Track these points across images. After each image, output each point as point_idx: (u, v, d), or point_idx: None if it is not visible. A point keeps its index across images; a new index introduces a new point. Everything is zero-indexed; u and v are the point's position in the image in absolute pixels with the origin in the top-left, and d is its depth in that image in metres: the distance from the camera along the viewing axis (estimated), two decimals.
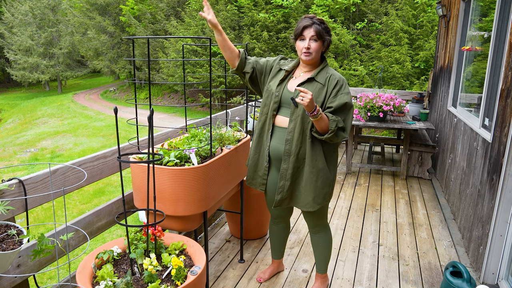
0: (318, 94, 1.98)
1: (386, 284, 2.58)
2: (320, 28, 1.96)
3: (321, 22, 1.98)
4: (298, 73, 2.10)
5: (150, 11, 17.88)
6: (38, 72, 24.02)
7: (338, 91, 1.97)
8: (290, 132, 2.03)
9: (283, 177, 2.09)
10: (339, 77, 2.02)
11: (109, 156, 2.10)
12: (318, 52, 2.00)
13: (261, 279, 2.54)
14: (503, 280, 2.40)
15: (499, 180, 2.34)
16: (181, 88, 16.09)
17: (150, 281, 1.52)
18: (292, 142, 2.03)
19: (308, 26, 1.95)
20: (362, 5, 11.28)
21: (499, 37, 2.69)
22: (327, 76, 2.01)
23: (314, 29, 1.94)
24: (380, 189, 4.39)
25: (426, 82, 9.38)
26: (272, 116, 2.08)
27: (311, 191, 2.06)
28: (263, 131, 2.15)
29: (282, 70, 2.12)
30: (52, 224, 1.71)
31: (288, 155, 2.05)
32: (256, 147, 2.20)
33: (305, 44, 1.96)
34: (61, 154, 10.03)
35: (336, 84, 1.98)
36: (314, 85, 2.00)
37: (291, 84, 2.08)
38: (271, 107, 2.08)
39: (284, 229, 2.45)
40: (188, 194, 1.92)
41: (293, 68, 2.12)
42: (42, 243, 1.31)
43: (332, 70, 2.05)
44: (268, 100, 2.11)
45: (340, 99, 1.95)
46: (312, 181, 2.05)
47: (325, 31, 1.98)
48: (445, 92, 4.63)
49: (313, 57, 1.99)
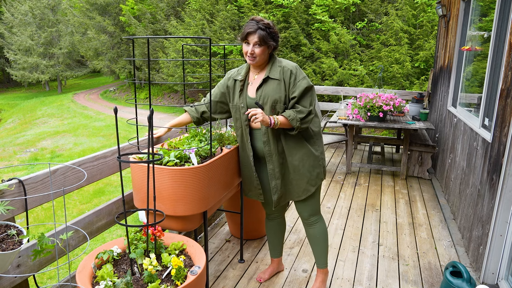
0: (277, 90, 2.04)
1: (386, 284, 2.58)
2: (265, 33, 1.97)
3: (267, 27, 1.99)
4: (252, 77, 2.16)
5: (150, 11, 17.88)
6: (38, 72, 24.01)
7: (295, 79, 2.04)
8: (264, 134, 2.11)
9: (273, 177, 2.18)
10: (290, 66, 2.07)
11: (109, 156, 2.10)
12: (263, 56, 2.03)
13: (261, 279, 2.55)
14: (503, 280, 2.40)
15: (499, 180, 2.34)
16: (181, 88, 16.09)
17: (150, 281, 1.52)
18: (270, 142, 2.11)
19: (252, 32, 1.98)
20: (362, 5, 11.28)
21: (499, 37, 2.69)
22: (279, 69, 2.06)
23: (257, 35, 1.97)
24: (380, 189, 4.39)
25: (426, 82, 9.38)
26: (246, 126, 2.16)
27: (303, 178, 2.16)
28: (243, 143, 2.24)
29: (236, 81, 2.18)
30: (52, 224, 1.71)
31: (270, 155, 2.14)
32: (243, 161, 2.30)
33: (249, 50, 2.01)
34: (61, 154, 10.03)
35: (291, 74, 2.04)
36: (271, 83, 2.06)
37: (250, 90, 2.15)
38: (242, 119, 2.16)
39: (280, 224, 2.51)
40: (188, 194, 1.92)
41: (246, 75, 2.18)
42: (42, 242, 1.31)
43: (283, 61, 2.10)
44: (237, 114, 2.19)
45: (299, 86, 2.03)
46: (299, 168, 2.14)
47: (270, 36, 2.01)
48: (445, 92, 4.63)
49: (257, 60, 2.04)
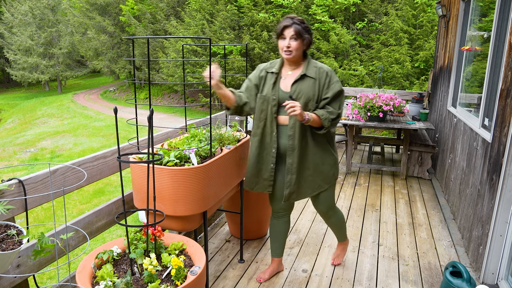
0: (312, 88, 2.12)
1: (386, 284, 2.58)
2: (300, 27, 2.06)
3: (301, 22, 2.09)
4: (286, 72, 2.20)
5: (150, 11, 17.88)
6: (38, 72, 24.00)
7: (330, 81, 2.13)
8: (291, 128, 2.15)
9: (289, 172, 2.21)
10: (326, 68, 2.17)
11: (109, 156, 2.10)
12: (298, 50, 2.10)
13: (261, 279, 2.55)
14: (503, 280, 2.40)
15: (499, 180, 2.34)
16: (181, 88, 16.09)
17: (150, 281, 1.52)
18: (295, 137, 2.15)
19: (288, 26, 2.07)
20: (362, 5, 11.28)
21: (499, 37, 2.69)
22: (316, 69, 2.15)
23: (293, 28, 2.05)
24: (380, 189, 4.39)
25: (426, 82, 9.38)
26: (274, 119, 2.17)
27: (319, 176, 2.25)
28: (264, 135, 2.24)
29: (269, 74, 2.22)
30: (52, 224, 1.71)
31: (292, 150, 2.17)
32: (258, 153, 2.28)
33: (286, 43, 2.08)
34: (61, 154, 10.03)
35: (327, 76, 2.13)
36: (307, 80, 2.13)
37: (283, 84, 2.19)
38: (270, 111, 2.17)
39: (285, 223, 2.50)
40: (188, 194, 1.92)
41: (279, 69, 2.22)
42: (42, 242, 1.31)
43: (318, 63, 2.18)
44: (264, 105, 2.20)
45: (333, 88, 2.12)
46: (319, 166, 2.23)
47: (305, 30, 2.09)
48: (445, 92, 4.63)
49: (294, 55, 2.10)
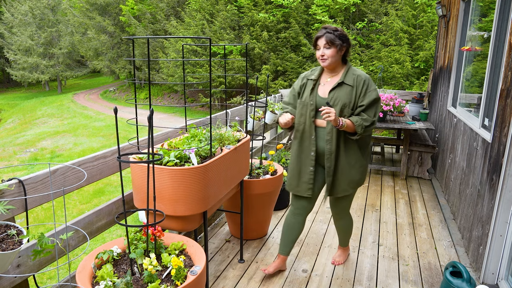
0: (349, 95, 2.20)
1: (386, 284, 2.58)
2: (332, 35, 2.16)
3: (334, 30, 2.19)
4: (325, 80, 2.31)
5: (150, 11, 17.88)
6: (38, 72, 24.01)
7: (367, 89, 2.21)
8: (329, 133, 2.24)
9: (328, 175, 2.33)
10: (364, 76, 2.23)
11: (109, 156, 2.10)
12: (334, 57, 2.19)
13: (266, 271, 2.55)
14: (503, 280, 2.40)
15: (499, 180, 2.34)
16: (181, 88, 16.09)
17: (150, 281, 1.52)
18: (332, 141, 2.25)
19: (320, 36, 2.19)
20: (362, 5, 11.28)
21: (499, 37, 2.69)
22: (354, 77, 2.22)
23: (325, 37, 2.17)
24: (380, 189, 4.39)
25: (426, 82, 9.38)
26: (312, 122, 2.28)
27: (346, 179, 2.33)
28: (304, 138, 2.34)
29: (309, 80, 2.33)
30: (52, 224, 1.71)
31: (330, 153, 2.27)
32: (297, 156, 2.38)
33: (320, 52, 2.20)
34: (61, 154, 10.03)
35: (364, 84, 2.21)
36: (344, 87, 2.22)
37: (321, 90, 2.29)
38: (308, 115, 2.29)
39: (301, 223, 2.51)
40: (188, 194, 1.92)
41: (319, 76, 2.33)
42: (42, 242, 1.31)
43: (357, 70, 2.25)
44: (303, 109, 2.31)
45: (369, 96, 2.20)
46: (349, 170, 2.31)
47: (338, 38, 2.17)
48: (445, 92, 4.63)
49: (330, 62, 2.20)
